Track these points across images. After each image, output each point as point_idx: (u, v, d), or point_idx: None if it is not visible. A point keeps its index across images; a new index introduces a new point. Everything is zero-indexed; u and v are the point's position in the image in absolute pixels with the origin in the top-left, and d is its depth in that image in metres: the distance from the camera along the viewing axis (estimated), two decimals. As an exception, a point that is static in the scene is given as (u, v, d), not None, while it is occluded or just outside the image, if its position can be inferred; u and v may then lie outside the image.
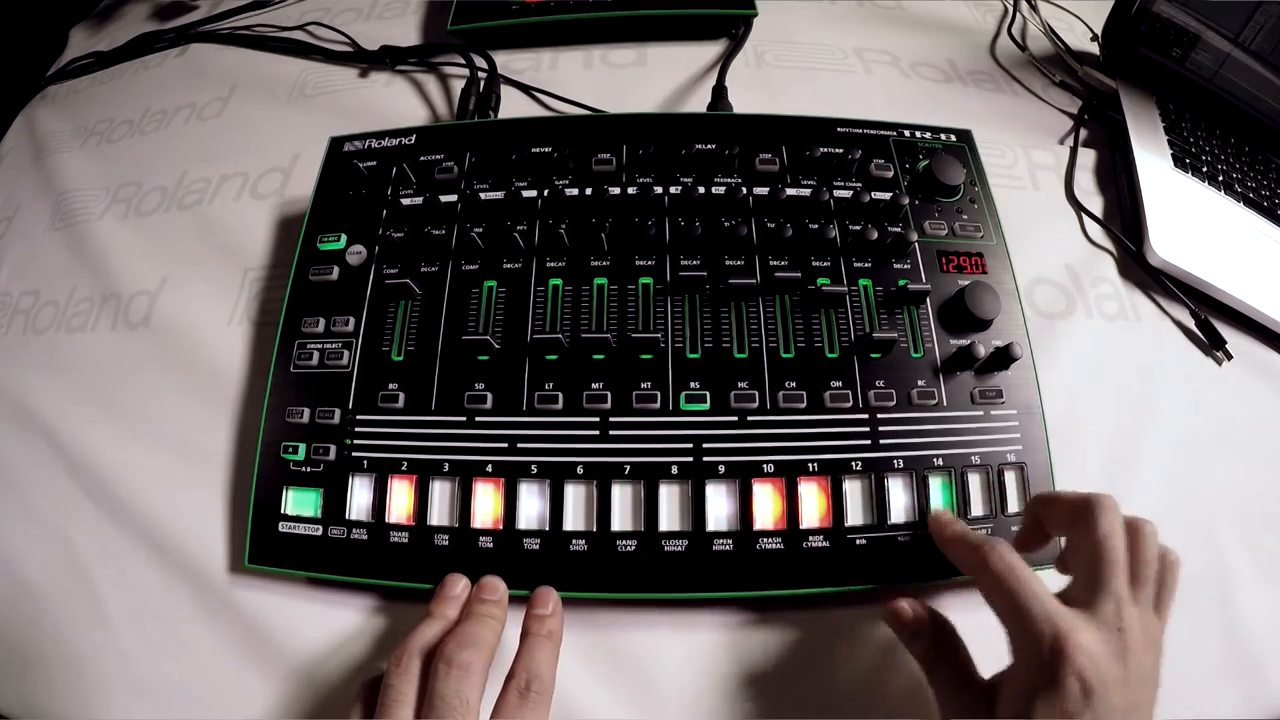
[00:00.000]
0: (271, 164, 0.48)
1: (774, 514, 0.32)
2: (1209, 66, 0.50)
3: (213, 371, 0.40)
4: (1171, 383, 0.40)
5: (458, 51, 0.53)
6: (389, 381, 0.35)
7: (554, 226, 0.37)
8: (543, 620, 0.29)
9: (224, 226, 0.46)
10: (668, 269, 0.37)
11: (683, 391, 0.34)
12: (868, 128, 0.42)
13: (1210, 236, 0.44)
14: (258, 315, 0.42)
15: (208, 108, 0.53)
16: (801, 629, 0.33)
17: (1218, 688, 0.32)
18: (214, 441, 0.38)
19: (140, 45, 0.60)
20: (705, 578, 0.31)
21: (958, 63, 0.55)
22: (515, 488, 0.33)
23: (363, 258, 0.38)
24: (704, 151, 0.40)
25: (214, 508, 0.36)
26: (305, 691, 0.32)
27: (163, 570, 0.35)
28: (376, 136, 0.42)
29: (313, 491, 0.34)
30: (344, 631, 0.33)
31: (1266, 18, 0.46)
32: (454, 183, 0.40)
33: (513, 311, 0.36)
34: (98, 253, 0.46)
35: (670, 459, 0.33)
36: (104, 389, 0.41)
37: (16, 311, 0.45)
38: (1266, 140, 0.50)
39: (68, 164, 0.52)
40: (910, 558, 0.32)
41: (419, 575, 0.32)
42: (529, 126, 0.43)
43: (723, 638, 0.33)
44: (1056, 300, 0.42)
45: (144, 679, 0.33)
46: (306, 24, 0.57)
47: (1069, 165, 0.48)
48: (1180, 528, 0.36)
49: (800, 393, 0.34)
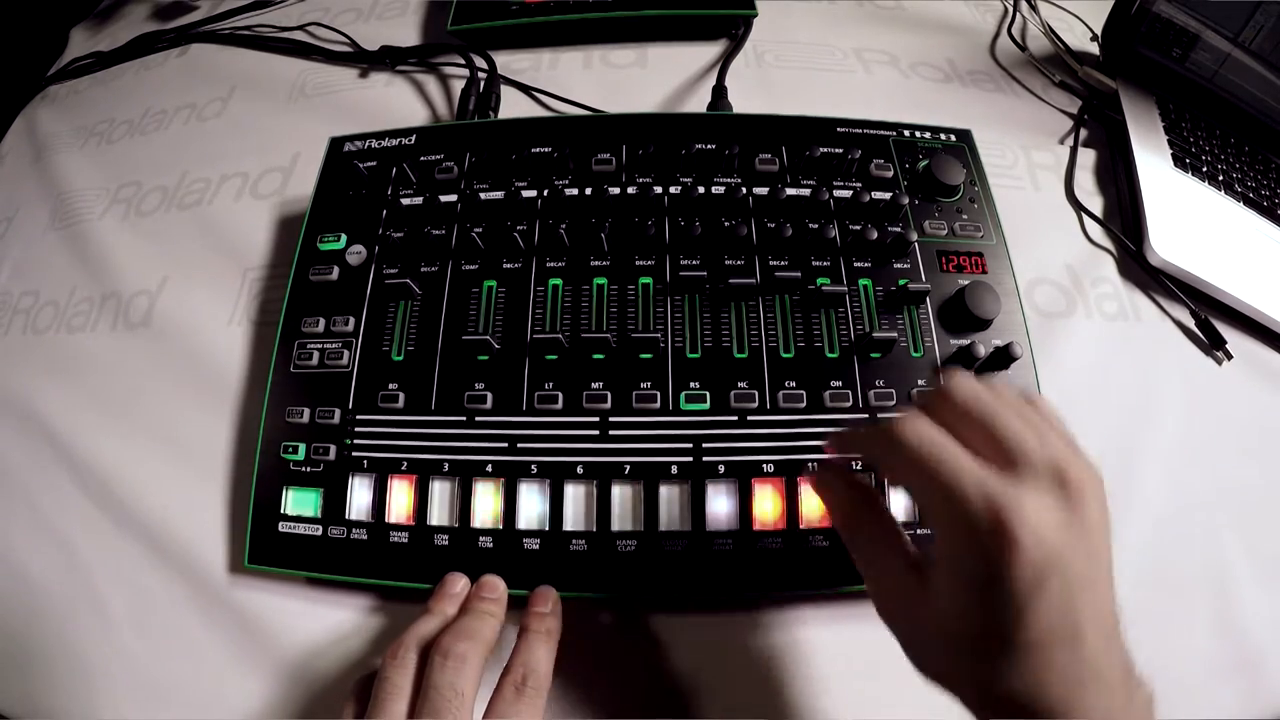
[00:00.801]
0: (271, 164, 0.48)
1: (774, 514, 0.32)
2: (1209, 66, 0.50)
3: (213, 371, 0.40)
4: (1171, 383, 0.40)
5: (458, 52, 0.53)
6: (389, 381, 0.35)
7: (554, 226, 0.37)
8: (542, 618, 0.29)
9: (224, 226, 0.46)
10: (668, 269, 0.37)
11: (683, 391, 0.34)
12: (867, 128, 0.42)
13: (1210, 236, 0.44)
14: (258, 315, 0.42)
15: (208, 108, 0.53)
16: (801, 628, 0.33)
17: (1217, 687, 0.32)
18: (214, 441, 0.38)
19: (141, 45, 0.60)
20: (705, 578, 0.31)
21: (957, 63, 0.55)
22: (515, 488, 0.33)
23: (363, 258, 0.38)
24: (704, 151, 0.40)
25: (214, 508, 0.36)
26: (304, 691, 0.32)
27: (163, 570, 0.35)
28: (376, 137, 0.42)
29: (313, 491, 0.34)
30: (344, 631, 0.33)
31: (1266, 18, 0.46)
32: (454, 183, 0.40)
33: (513, 311, 0.36)
34: (98, 253, 0.46)
35: (670, 459, 0.33)
36: (104, 389, 0.41)
37: (16, 311, 0.45)
38: (1266, 140, 0.50)
39: (68, 164, 0.52)
40: (910, 557, 0.32)
41: (419, 575, 0.32)
42: (529, 126, 0.43)
43: (722, 637, 0.33)
44: (1056, 300, 0.42)
45: (144, 678, 0.33)
46: (306, 24, 0.57)
47: (1069, 165, 0.48)
48: (1180, 528, 0.36)
49: (800, 392, 0.34)
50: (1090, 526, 0.21)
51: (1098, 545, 0.21)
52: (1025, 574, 0.20)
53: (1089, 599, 0.21)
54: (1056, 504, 0.20)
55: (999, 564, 0.20)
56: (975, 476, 0.21)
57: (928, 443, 0.22)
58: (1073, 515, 0.21)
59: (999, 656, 0.21)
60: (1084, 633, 0.20)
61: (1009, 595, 0.20)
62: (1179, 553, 0.35)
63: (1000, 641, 0.21)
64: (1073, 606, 0.20)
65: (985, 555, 0.20)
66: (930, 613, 0.23)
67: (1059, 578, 0.20)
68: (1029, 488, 0.20)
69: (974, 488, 0.20)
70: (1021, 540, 0.19)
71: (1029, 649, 0.20)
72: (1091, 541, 0.21)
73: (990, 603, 0.20)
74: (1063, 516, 0.20)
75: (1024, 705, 0.21)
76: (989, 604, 0.20)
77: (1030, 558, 0.19)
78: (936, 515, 0.22)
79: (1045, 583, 0.20)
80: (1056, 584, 0.20)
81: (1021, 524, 0.19)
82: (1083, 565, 0.20)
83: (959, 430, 0.22)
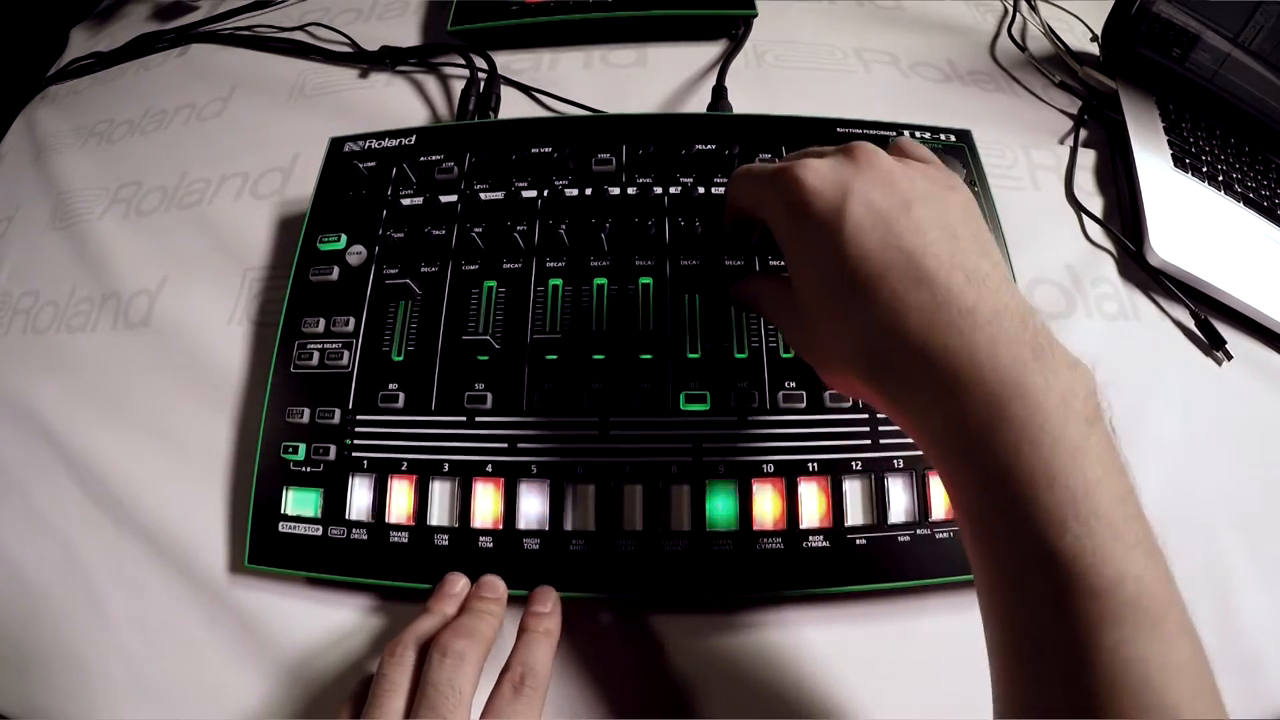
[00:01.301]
0: (271, 164, 0.48)
1: (774, 514, 0.32)
2: (1209, 67, 0.50)
3: (213, 371, 0.40)
4: (1171, 383, 0.40)
5: (458, 52, 0.53)
6: (389, 381, 0.35)
7: (554, 226, 0.37)
8: (541, 618, 0.29)
9: (224, 226, 0.46)
10: (668, 269, 0.37)
11: (683, 391, 0.34)
12: (867, 128, 0.42)
13: (1210, 236, 0.44)
14: (258, 315, 0.42)
15: (208, 108, 0.53)
16: (801, 629, 0.33)
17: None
18: (214, 441, 0.38)
19: (141, 45, 0.60)
20: (705, 578, 0.31)
21: (957, 63, 0.55)
22: (515, 488, 0.33)
23: (363, 258, 0.38)
24: (704, 151, 0.40)
25: (214, 508, 0.36)
26: (304, 691, 0.32)
27: (163, 570, 0.35)
28: (376, 137, 0.42)
29: (313, 491, 0.34)
30: (344, 631, 0.33)
31: (1266, 18, 0.46)
32: (454, 183, 0.40)
33: (513, 311, 0.36)
34: (98, 253, 0.46)
35: (670, 459, 0.33)
36: (104, 389, 0.41)
37: (16, 311, 0.45)
38: (1266, 140, 0.50)
39: (68, 164, 0.52)
40: (910, 558, 0.32)
41: (419, 575, 0.32)
42: (529, 127, 0.43)
43: (722, 637, 0.33)
44: (1056, 300, 0.42)
45: (144, 678, 0.33)
46: (306, 24, 0.57)
47: (1069, 165, 0.48)
48: (1180, 528, 0.36)
49: (800, 392, 0.34)
50: (879, 172, 0.23)
51: (906, 193, 0.22)
52: (821, 204, 0.22)
53: (917, 233, 0.21)
54: (833, 158, 0.23)
55: (799, 208, 0.23)
56: (772, 165, 0.25)
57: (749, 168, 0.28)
58: (853, 163, 0.23)
59: (854, 311, 0.22)
60: (927, 269, 0.21)
61: (820, 230, 0.22)
62: (1178, 553, 0.35)
63: (848, 291, 0.22)
64: (893, 234, 0.21)
65: (790, 210, 0.23)
66: (801, 313, 0.24)
67: (860, 205, 0.22)
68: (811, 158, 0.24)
69: (771, 168, 0.25)
70: (803, 177, 0.23)
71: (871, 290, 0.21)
72: (892, 184, 0.22)
73: (815, 252, 0.22)
74: (840, 160, 0.23)
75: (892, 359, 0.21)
76: (816, 255, 0.22)
77: (814, 186, 0.22)
78: (765, 214, 0.25)
79: (844, 211, 0.22)
80: (859, 211, 0.22)
81: (801, 167, 0.23)
82: (882, 198, 0.22)
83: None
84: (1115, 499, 0.19)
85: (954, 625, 0.30)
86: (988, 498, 0.20)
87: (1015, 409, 0.19)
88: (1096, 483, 0.19)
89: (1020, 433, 0.19)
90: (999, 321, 0.20)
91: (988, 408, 0.19)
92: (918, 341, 0.20)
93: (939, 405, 0.20)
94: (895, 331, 0.21)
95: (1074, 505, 0.19)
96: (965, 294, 0.20)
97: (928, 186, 0.23)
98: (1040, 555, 0.19)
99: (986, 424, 0.19)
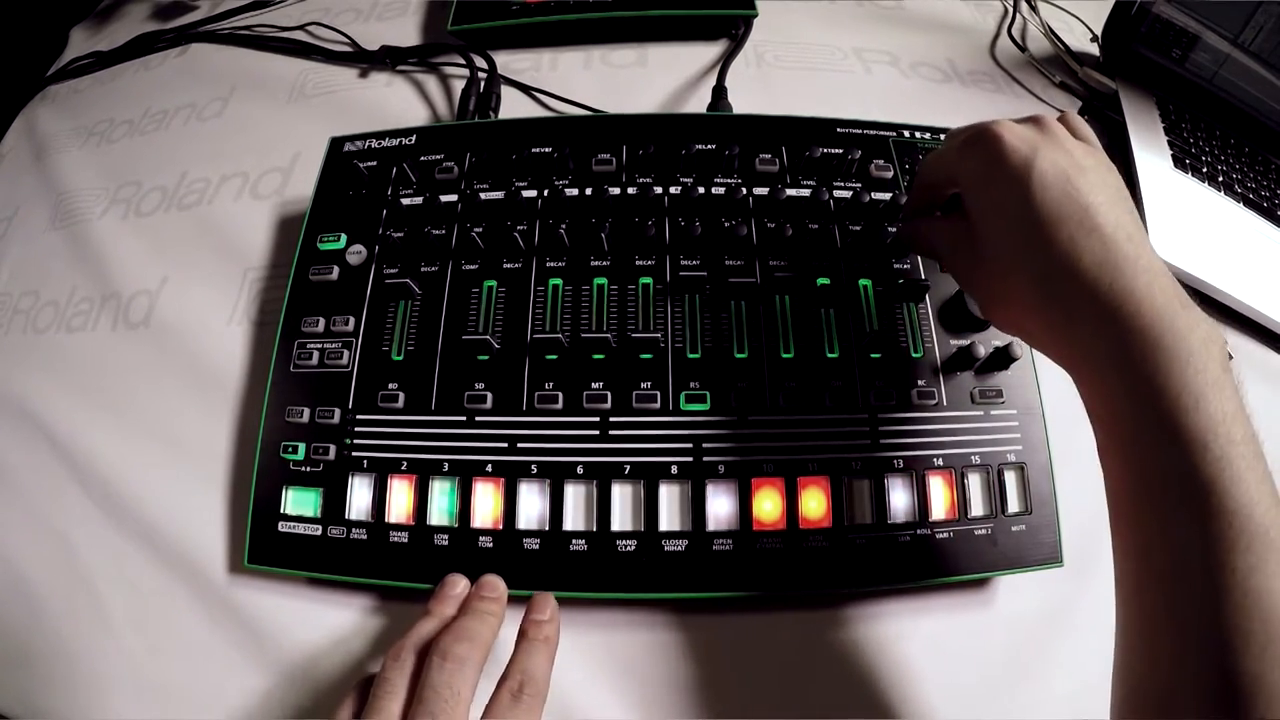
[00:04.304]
0: (271, 164, 0.48)
1: (774, 514, 0.32)
2: (1209, 67, 0.50)
3: (213, 371, 0.40)
4: (1171, 383, 0.40)
5: (458, 51, 0.53)
6: (389, 381, 0.35)
7: (554, 226, 0.37)
8: (540, 625, 0.29)
9: (224, 226, 0.46)
10: (668, 269, 0.37)
11: (683, 391, 0.34)
12: (867, 128, 0.42)
13: (1210, 237, 0.44)
14: (258, 315, 0.42)
15: (208, 108, 0.53)
16: (801, 629, 0.33)
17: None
18: (214, 441, 0.38)
19: (140, 45, 0.59)
20: (705, 578, 0.31)
21: (957, 63, 0.55)
22: (515, 488, 0.33)
23: (363, 258, 0.38)
24: (704, 152, 0.40)
25: (214, 507, 0.36)
26: (304, 691, 0.32)
27: (163, 570, 0.35)
28: (376, 137, 0.42)
29: (312, 491, 0.34)
30: (344, 631, 0.33)
31: (1266, 18, 0.46)
32: (454, 183, 0.40)
33: (513, 311, 0.36)
34: (98, 253, 0.46)
35: (670, 459, 0.33)
36: (104, 389, 0.41)
37: (16, 311, 0.45)
38: (1266, 140, 0.50)
39: (68, 164, 0.52)
40: (910, 558, 0.32)
41: (418, 575, 0.32)
42: (529, 126, 0.43)
43: (722, 637, 0.33)
44: (1056, 300, 0.42)
45: (143, 678, 0.33)
46: (306, 24, 0.57)
47: (1069, 165, 0.48)
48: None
49: (800, 392, 0.34)
50: (1060, 140, 0.26)
51: (1081, 160, 0.26)
52: (1016, 158, 0.25)
53: (1091, 193, 0.24)
54: (1025, 124, 0.27)
55: (997, 159, 0.26)
56: (967, 129, 0.28)
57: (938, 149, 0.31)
58: (1040, 130, 0.27)
59: (1035, 249, 0.25)
60: (1097, 222, 0.24)
61: (1013, 181, 0.25)
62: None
63: (1032, 231, 0.25)
64: (1073, 188, 0.24)
65: (988, 163, 0.26)
66: (982, 251, 0.27)
67: (1046, 162, 0.25)
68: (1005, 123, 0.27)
69: (968, 131, 0.28)
70: (1002, 134, 0.26)
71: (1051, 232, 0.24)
72: (1070, 151, 0.26)
73: (1005, 199, 0.25)
74: (1031, 126, 0.27)
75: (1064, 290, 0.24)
76: (1006, 201, 0.25)
77: (1011, 142, 0.26)
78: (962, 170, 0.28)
79: (1033, 165, 0.25)
80: (1046, 167, 0.25)
81: (1000, 126, 0.26)
82: (1064, 159, 0.25)
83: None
84: (1248, 435, 0.22)
85: (954, 625, 0.30)
86: (1139, 414, 0.22)
87: (1167, 340, 0.22)
88: (1233, 416, 0.21)
89: (1171, 359, 0.22)
90: (1153, 273, 0.23)
91: (1144, 336, 0.22)
92: (1089, 277, 0.23)
93: (1100, 333, 0.23)
94: (1070, 269, 0.24)
95: (1214, 430, 0.21)
96: (1127, 247, 0.24)
97: (1095, 160, 0.26)
98: (1182, 471, 0.21)
99: (1141, 349, 0.22)
